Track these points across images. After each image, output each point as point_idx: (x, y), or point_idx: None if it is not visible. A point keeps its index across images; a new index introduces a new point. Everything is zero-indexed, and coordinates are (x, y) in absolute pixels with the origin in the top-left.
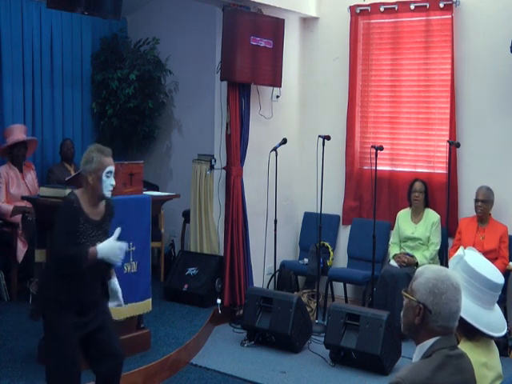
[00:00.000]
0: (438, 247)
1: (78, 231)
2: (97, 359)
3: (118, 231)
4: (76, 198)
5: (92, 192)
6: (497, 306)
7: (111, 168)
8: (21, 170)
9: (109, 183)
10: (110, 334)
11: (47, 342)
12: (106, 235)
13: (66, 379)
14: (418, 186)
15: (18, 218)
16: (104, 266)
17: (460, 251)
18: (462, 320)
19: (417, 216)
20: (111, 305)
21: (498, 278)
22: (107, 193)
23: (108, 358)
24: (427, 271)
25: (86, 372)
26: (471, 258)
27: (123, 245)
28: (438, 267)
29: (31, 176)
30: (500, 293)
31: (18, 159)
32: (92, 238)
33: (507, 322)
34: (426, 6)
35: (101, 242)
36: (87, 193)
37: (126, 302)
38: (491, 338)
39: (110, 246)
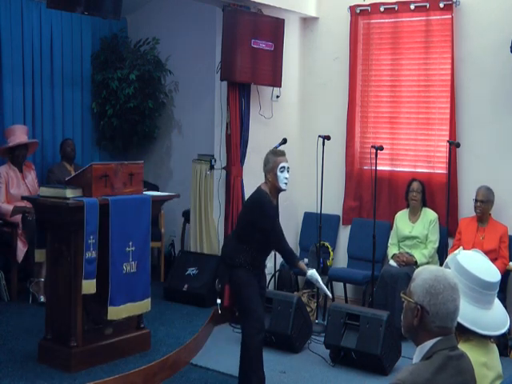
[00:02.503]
0: (437, 245)
1: (266, 215)
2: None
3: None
4: (265, 192)
5: (272, 186)
6: (497, 304)
7: (284, 164)
8: (21, 170)
9: (283, 176)
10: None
11: (238, 296)
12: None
13: (257, 315)
14: (415, 185)
15: (18, 218)
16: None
17: (457, 250)
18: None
19: (414, 215)
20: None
21: (491, 277)
22: (283, 185)
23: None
24: (424, 272)
25: (87, 371)
26: (464, 257)
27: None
28: (435, 268)
29: (31, 176)
30: (496, 291)
31: (18, 159)
32: (277, 218)
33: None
34: (425, 6)
35: (278, 221)
36: (269, 187)
37: (125, 302)
38: (489, 337)
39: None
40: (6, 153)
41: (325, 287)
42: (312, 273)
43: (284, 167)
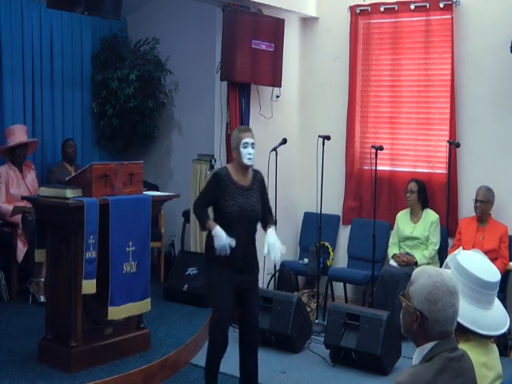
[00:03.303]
0: (437, 246)
1: (224, 193)
2: (239, 318)
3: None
4: (226, 169)
5: (237, 163)
6: (497, 304)
7: (247, 140)
8: (21, 170)
9: (246, 152)
10: (251, 299)
11: (208, 290)
12: (256, 197)
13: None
14: (410, 186)
15: (18, 217)
16: (253, 224)
17: (456, 251)
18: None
19: (415, 216)
20: (270, 257)
21: (491, 276)
22: (246, 161)
23: (245, 324)
24: (423, 276)
25: (87, 371)
26: (464, 257)
27: (230, 243)
28: (433, 271)
29: (31, 176)
30: (496, 291)
31: (18, 159)
32: (238, 198)
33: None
34: (425, 6)
35: (249, 202)
36: (235, 165)
37: (125, 302)
38: (490, 337)
39: (221, 236)
40: (7, 153)
41: (276, 254)
42: (270, 232)
43: (247, 143)
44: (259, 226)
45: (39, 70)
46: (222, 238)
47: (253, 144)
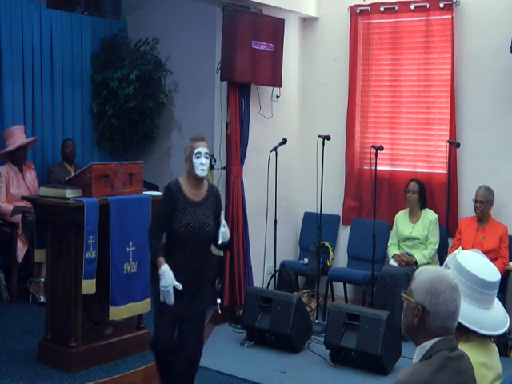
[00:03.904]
0: (437, 246)
1: (174, 208)
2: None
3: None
4: (177, 181)
5: (190, 175)
6: (497, 303)
7: (200, 149)
8: (21, 170)
9: (199, 163)
10: (189, 330)
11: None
12: (208, 214)
13: (158, 337)
14: (411, 186)
15: (18, 217)
16: (204, 244)
17: (456, 251)
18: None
19: (414, 216)
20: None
21: (491, 276)
22: (199, 172)
23: (181, 350)
24: (425, 272)
25: (87, 372)
26: (463, 257)
27: (176, 286)
28: (436, 268)
29: (31, 176)
30: (495, 291)
31: (19, 160)
32: (187, 214)
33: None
34: (426, 6)
35: (198, 219)
36: (188, 177)
37: (126, 302)
38: (490, 337)
39: (167, 277)
40: (7, 155)
41: (222, 238)
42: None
43: (200, 153)
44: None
45: (39, 69)
46: (167, 279)
47: (206, 154)
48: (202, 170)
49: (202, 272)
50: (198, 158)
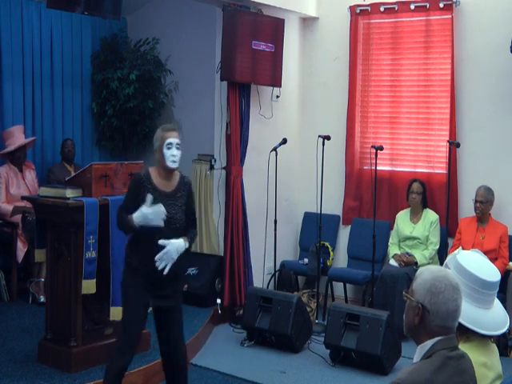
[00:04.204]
0: (437, 247)
1: (143, 198)
2: (160, 336)
3: (149, 198)
4: (147, 172)
5: (161, 166)
6: (497, 303)
7: (171, 140)
8: (20, 170)
9: (170, 154)
10: (173, 321)
11: (122, 300)
12: (178, 206)
13: (127, 335)
14: (415, 187)
15: (17, 218)
16: (173, 236)
17: (456, 251)
18: None
19: (415, 216)
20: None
21: (491, 276)
22: (170, 163)
23: (165, 341)
24: (426, 272)
25: (87, 372)
26: (463, 257)
27: (156, 208)
28: (437, 267)
29: (31, 176)
30: (495, 291)
31: (19, 160)
32: (156, 202)
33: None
34: (425, 6)
35: (167, 210)
36: (158, 168)
37: None
38: (490, 337)
39: (142, 214)
40: (7, 155)
41: (164, 263)
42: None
43: (171, 143)
44: None
45: (39, 70)
46: (144, 210)
47: (178, 145)
48: (173, 161)
49: (172, 265)
50: (169, 148)
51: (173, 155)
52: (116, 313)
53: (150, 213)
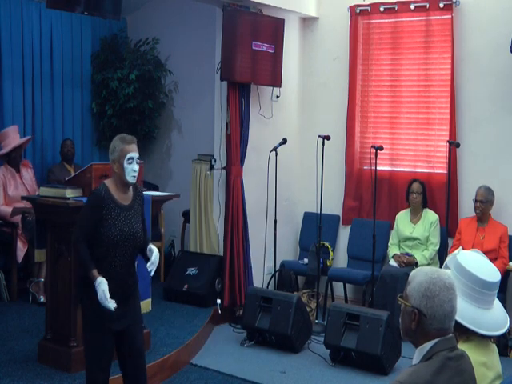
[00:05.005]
0: (437, 247)
1: (105, 215)
2: (123, 359)
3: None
4: (105, 186)
5: (118, 179)
6: (496, 304)
7: (132, 155)
8: (18, 171)
9: (131, 169)
10: (134, 334)
11: (83, 329)
12: (138, 218)
13: (96, 370)
14: (415, 187)
15: (17, 218)
16: (134, 252)
17: (456, 251)
18: (455, 321)
19: (415, 216)
20: (150, 267)
21: (491, 277)
22: (130, 178)
23: (129, 358)
24: (419, 275)
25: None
26: (463, 257)
27: (108, 304)
28: (430, 269)
29: (29, 175)
30: (496, 292)
31: (15, 161)
32: (120, 221)
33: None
34: (425, 6)
35: (131, 225)
36: (115, 180)
37: None
38: (489, 337)
39: (105, 290)
40: (3, 157)
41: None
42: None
43: (132, 158)
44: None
45: (39, 70)
46: (105, 292)
47: (138, 159)
48: (134, 176)
49: (129, 281)
50: (129, 163)
51: (134, 170)
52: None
53: (106, 296)
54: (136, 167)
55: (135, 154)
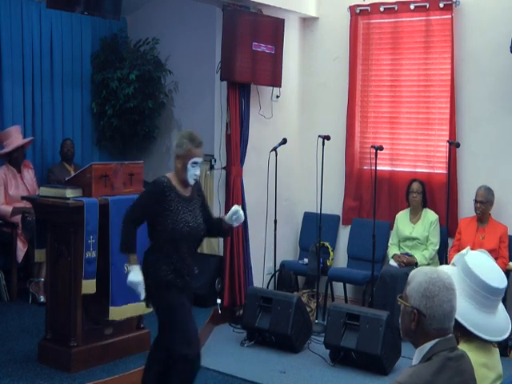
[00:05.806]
0: (437, 247)
1: (168, 205)
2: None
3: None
4: (167, 178)
5: (180, 176)
6: (501, 308)
7: (197, 159)
8: (19, 171)
9: (193, 172)
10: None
11: (163, 322)
12: (198, 211)
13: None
14: (415, 186)
15: (17, 218)
16: (195, 243)
17: (464, 250)
18: (458, 322)
19: (415, 216)
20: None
21: (498, 282)
22: (191, 181)
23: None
24: (418, 275)
25: (87, 371)
26: (471, 259)
27: (138, 286)
28: (429, 269)
29: (29, 175)
30: (501, 297)
31: (17, 161)
32: (182, 211)
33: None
34: (425, 6)
35: (194, 216)
36: (176, 174)
37: (126, 303)
38: (492, 342)
39: (134, 277)
40: (4, 156)
41: (235, 217)
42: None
43: (197, 163)
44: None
45: (39, 70)
46: (138, 276)
47: (200, 164)
48: (195, 179)
49: (191, 270)
50: (193, 166)
51: (195, 174)
52: (115, 313)
53: (139, 280)
54: (198, 171)
55: (200, 159)
